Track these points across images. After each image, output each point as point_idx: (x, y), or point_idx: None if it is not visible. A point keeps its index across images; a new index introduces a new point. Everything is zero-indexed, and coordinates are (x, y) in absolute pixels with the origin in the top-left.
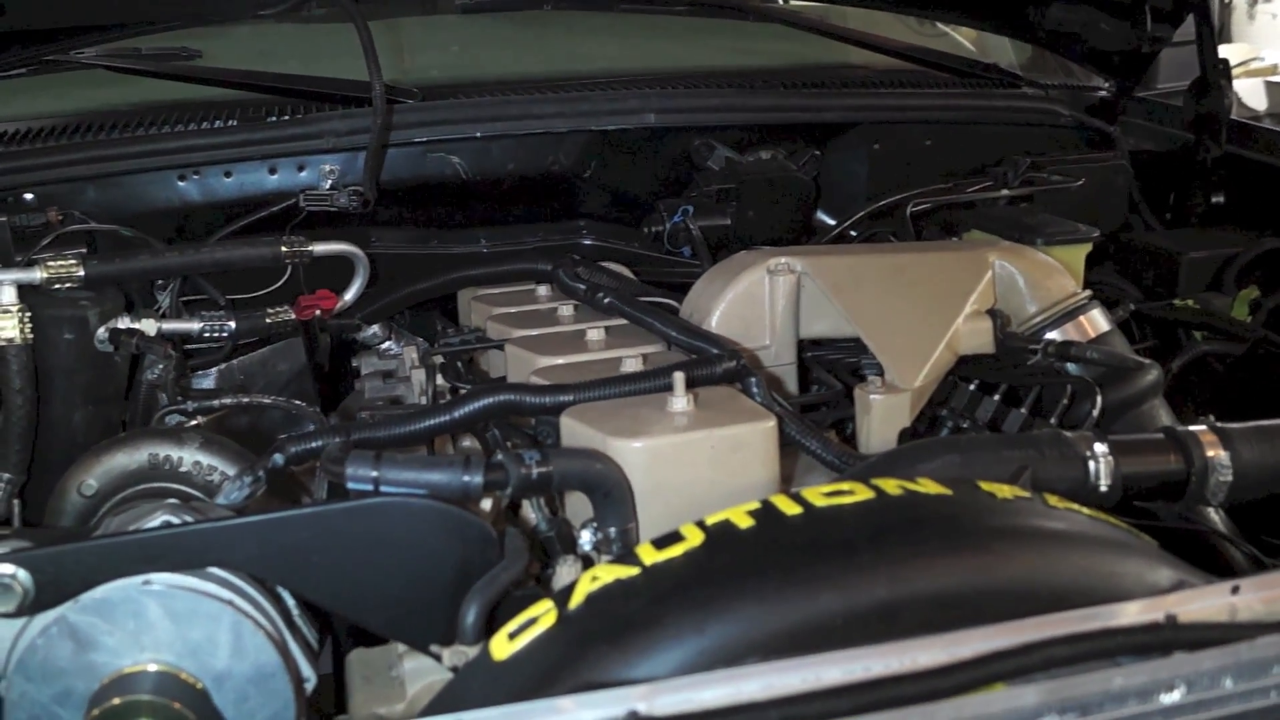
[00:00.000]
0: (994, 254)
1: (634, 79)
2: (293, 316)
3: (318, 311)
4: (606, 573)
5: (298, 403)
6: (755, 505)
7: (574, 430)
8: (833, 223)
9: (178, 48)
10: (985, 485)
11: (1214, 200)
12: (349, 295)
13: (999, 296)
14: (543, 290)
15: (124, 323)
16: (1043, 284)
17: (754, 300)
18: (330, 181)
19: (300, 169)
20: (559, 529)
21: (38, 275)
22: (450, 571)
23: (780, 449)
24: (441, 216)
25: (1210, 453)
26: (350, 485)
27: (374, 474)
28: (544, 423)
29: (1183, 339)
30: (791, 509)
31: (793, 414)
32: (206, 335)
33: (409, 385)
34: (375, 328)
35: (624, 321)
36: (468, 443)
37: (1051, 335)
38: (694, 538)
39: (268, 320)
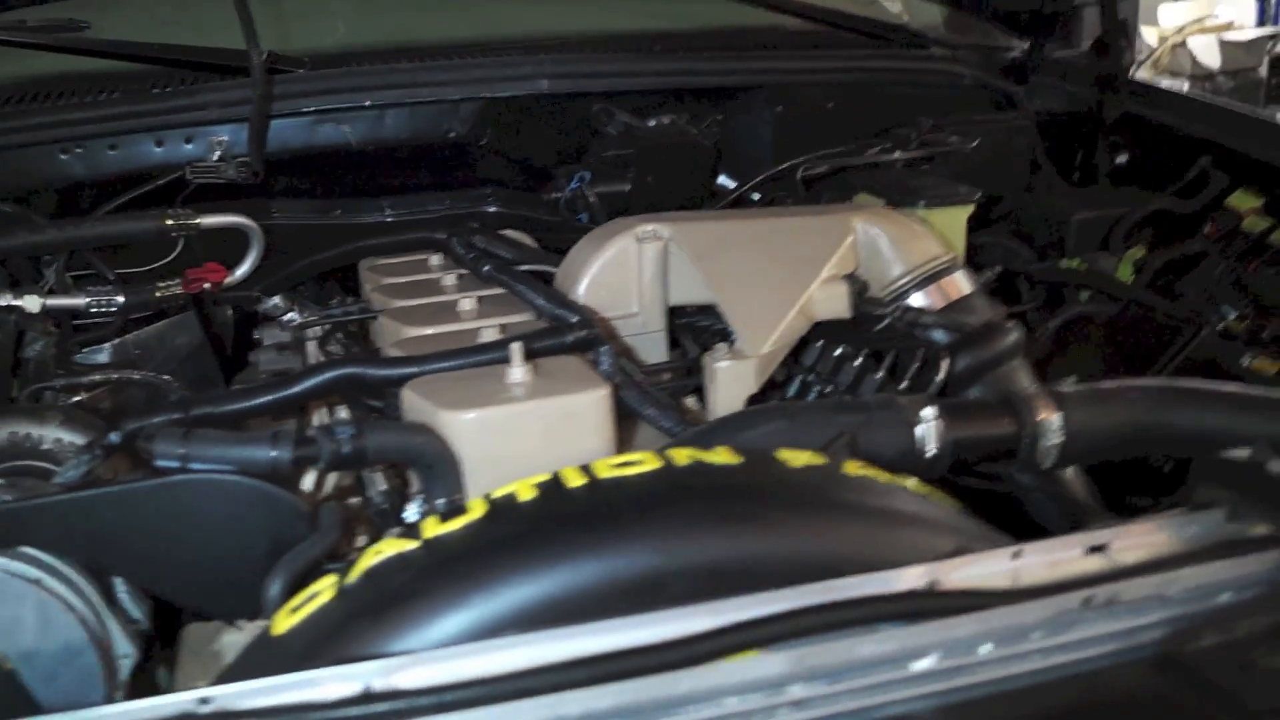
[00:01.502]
0: (858, 218)
1: (530, 44)
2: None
3: (206, 285)
4: (390, 546)
5: (165, 377)
6: (544, 477)
7: (412, 402)
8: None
9: (65, 20)
10: (782, 454)
11: (1118, 161)
12: (243, 268)
13: (864, 260)
14: (435, 260)
15: (4, 300)
16: (907, 247)
17: (621, 268)
18: (219, 153)
19: (187, 141)
20: (393, 502)
21: None
22: (261, 546)
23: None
24: (343, 186)
25: (1041, 416)
26: (158, 463)
27: (181, 451)
28: (393, 395)
29: (1069, 300)
30: (576, 481)
31: (633, 382)
32: (94, 310)
33: (306, 357)
34: (277, 299)
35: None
36: None
37: (914, 297)
38: (477, 510)
39: (158, 294)
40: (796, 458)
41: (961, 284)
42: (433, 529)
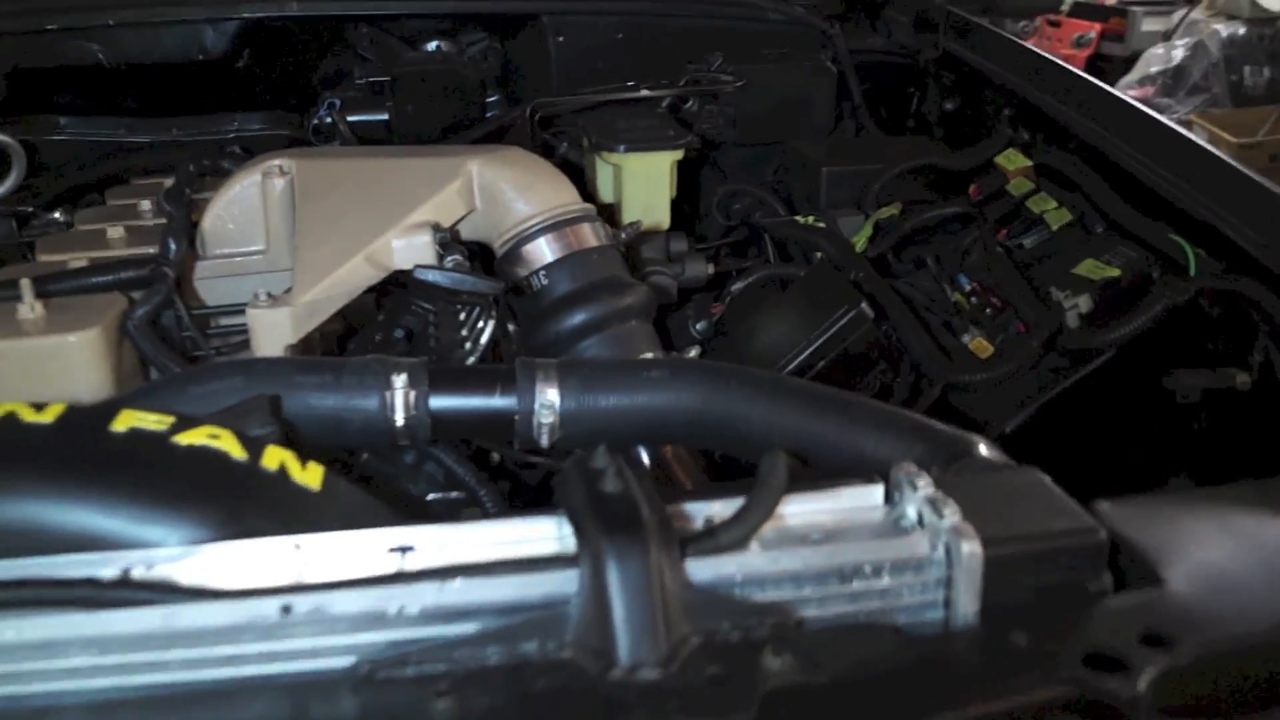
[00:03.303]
0: (475, 161)
1: None
2: None
3: None
4: None
5: None
6: None
7: None
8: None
9: None
10: (122, 416)
11: (947, 107)
12: (7, 184)
13: (483, 206)
14: (169, 183)
15: None
16: (531, 193)
17: (246, 203)
18: None
19: None
20: None
21: None
22: None
23: None
24: (124, 104)
25: (539, 390)
26: None
27: None
28: None
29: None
30: None
31: (145, 328)
32: None
33: None
34: (57, 213)
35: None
36: None
37: (536, 245)
38: None
39: None
40: (130, 421)
41: (587, 236)
42: None
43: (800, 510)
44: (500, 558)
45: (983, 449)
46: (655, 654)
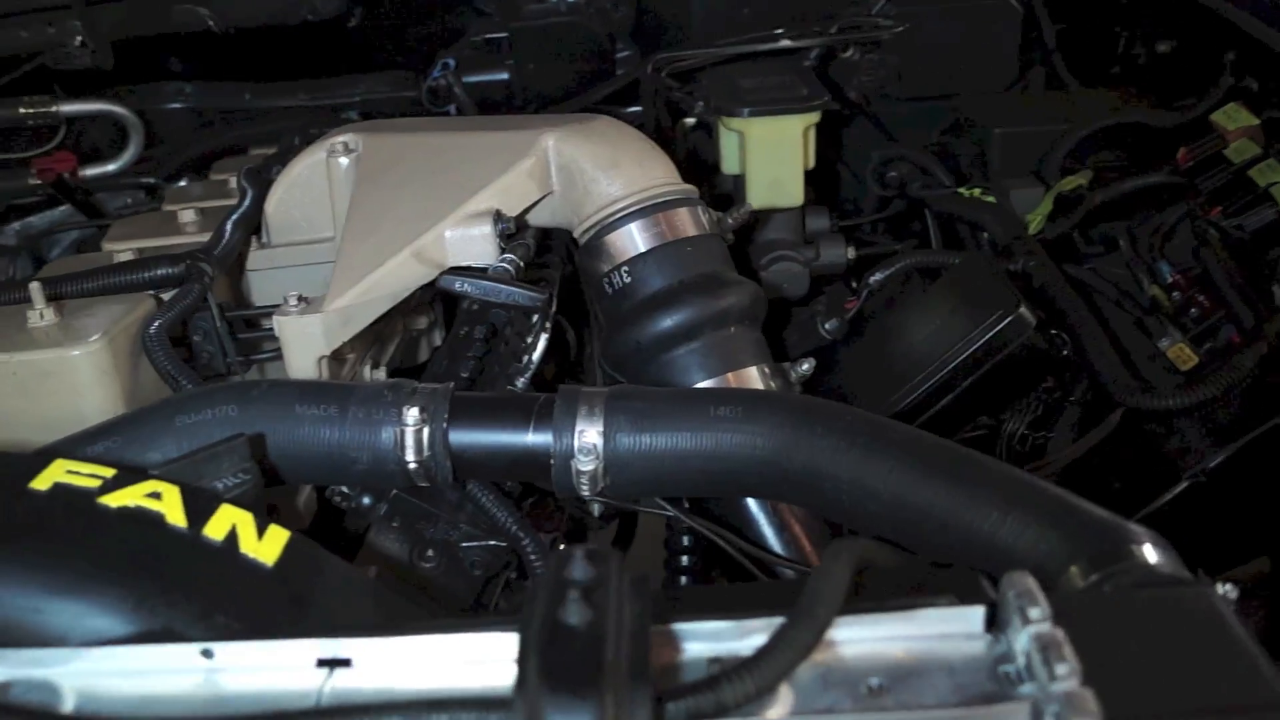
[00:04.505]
0: (552, 134)
1: None
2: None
3: (65, 173)
4: None
5: None
6: None
7: None
8: None
9: None
10: (52, 469)
11: (1159, 50)
12: (126, 155)
13: (561, 188)
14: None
15: None
16: (618, 172)
17: (312, 186)
18: (79, 38)
19: (49, 25)
20: None
21: None
22: None
23: None
24: (248, 69)
25: (580, 429)
26: None
27: None
28: None
29: (968, 239)
30: None
31: (160, 338)
32: None
33: None
34: (182, 183)
35: None
36: None
37: (625, 232)
38: None
39: (31, 182)
40: (58, 475)
41: (683, 222)
42: None
43: (860, 637)
44: (442, 690)
45: (1147, 550)
46: None
